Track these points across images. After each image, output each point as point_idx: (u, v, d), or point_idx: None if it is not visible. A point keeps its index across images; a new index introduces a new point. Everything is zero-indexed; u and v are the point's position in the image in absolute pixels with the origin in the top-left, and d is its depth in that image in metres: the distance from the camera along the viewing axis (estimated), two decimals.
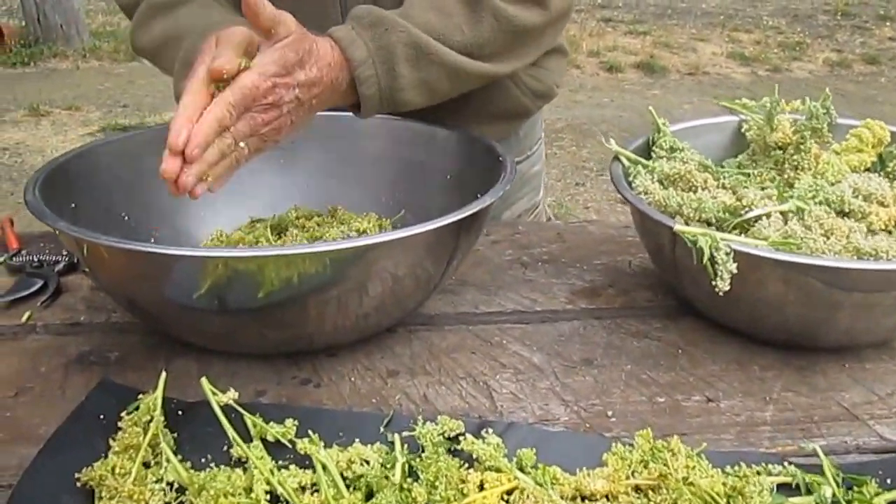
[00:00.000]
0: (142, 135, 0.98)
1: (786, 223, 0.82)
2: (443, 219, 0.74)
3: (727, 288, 0.73)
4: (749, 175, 0.91)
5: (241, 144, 0.77)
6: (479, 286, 0.97)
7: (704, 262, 0.72)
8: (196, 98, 0.73)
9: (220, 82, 0.74)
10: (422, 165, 1.03)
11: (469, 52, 0.93)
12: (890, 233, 0.83)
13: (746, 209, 0.81)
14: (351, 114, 1.05)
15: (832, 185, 0.88)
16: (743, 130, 1.01)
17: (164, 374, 0.69)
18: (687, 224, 0.83)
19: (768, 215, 0.81)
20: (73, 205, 0.87)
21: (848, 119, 1.00)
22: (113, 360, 0.83)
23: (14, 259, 1.02)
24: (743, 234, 0.80)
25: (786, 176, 0.92)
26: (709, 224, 0.83)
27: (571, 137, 4.73)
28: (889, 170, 0.94)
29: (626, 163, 0.92)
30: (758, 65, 6.80)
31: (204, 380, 0.67)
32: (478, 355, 0.84)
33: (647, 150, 0.99)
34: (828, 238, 0.79)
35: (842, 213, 0.83)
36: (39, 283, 0.95)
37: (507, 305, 0.93)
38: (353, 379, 0.80)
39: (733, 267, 0.73)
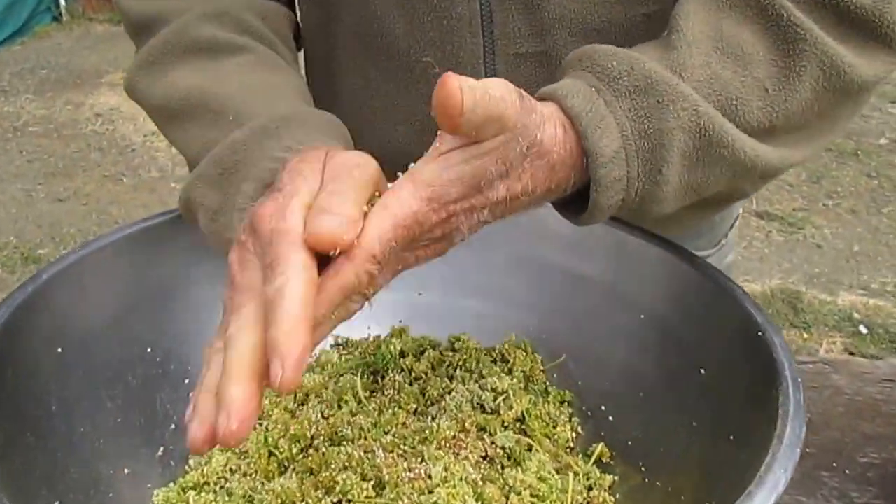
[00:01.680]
0: (159, 226, 0.64)
1: None
2: None
3: None
4: None
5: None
6: None
7: None
8: (248, 340, 0.40)
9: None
10: (596, 287, 0.67)
11: (770, 128, 0.54)
12: None
13: None
14: None
15: None
16: None
17: None
18: None
19: None
20: (59, 349, 0.55)
21: None
22: None
23: None
24: None
25: None
26: None
27: None
28: None
29: None
30: None
31: None
32: None
33: None
34: None
35: None
36: None
37: None
38: None
39: None
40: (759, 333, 0.52)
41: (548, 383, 0.67)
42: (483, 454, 0.59)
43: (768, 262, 3.05)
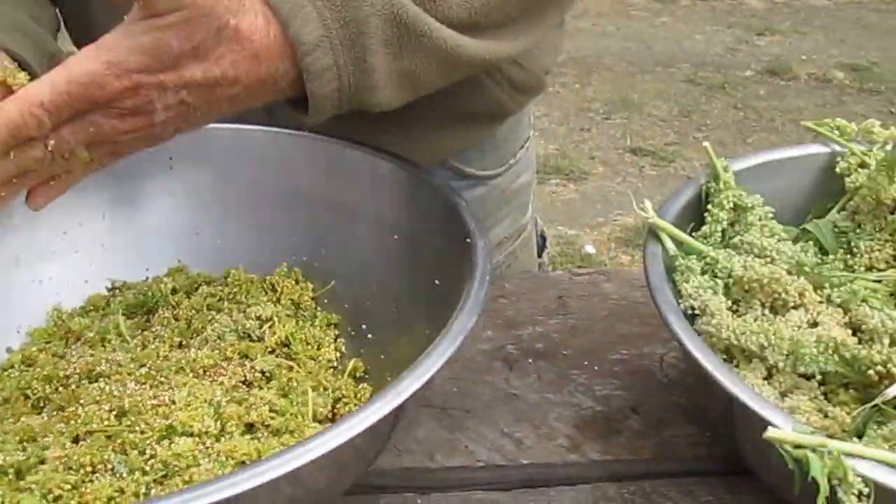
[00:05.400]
0: None
1: None
2: (375, 407, 0.42)
3: None
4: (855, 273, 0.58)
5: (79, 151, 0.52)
6: (436, 409, 0.65)
7: (820, 501, 0.40)
8: None
9: None
10: (357, 214, 0.70)
11: (471, 23, 0.59)
12: None
13: (880, 366, 0.48)
14: (253, 126, 0.72)
15: None
16: (838, 171, 0.67)
17: None
18: (771, 373, 0.51)
19: None
20: None
21: None
22: None
23: None
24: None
25: None
26: (808, 377, 0.50)
27: (575, 73, 4.30)
28: None
29: (671, 246, 0.58)
30: None
31: None
32: None
33: (696, 209, 0.65)
34: None
35: None
36: None
37: (478, 451, 0.61)
38: None
39: None
40: (468, 239, 0.55)
41: (318, 308, 0.70)
42: (242, 379, 0.62)
43: (640, 196, 3.15)
